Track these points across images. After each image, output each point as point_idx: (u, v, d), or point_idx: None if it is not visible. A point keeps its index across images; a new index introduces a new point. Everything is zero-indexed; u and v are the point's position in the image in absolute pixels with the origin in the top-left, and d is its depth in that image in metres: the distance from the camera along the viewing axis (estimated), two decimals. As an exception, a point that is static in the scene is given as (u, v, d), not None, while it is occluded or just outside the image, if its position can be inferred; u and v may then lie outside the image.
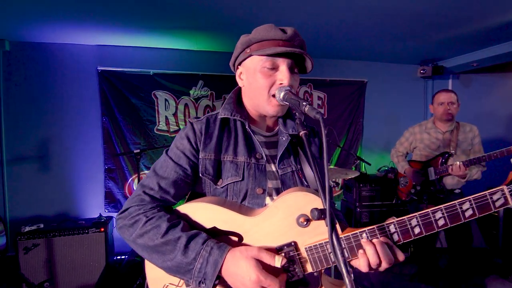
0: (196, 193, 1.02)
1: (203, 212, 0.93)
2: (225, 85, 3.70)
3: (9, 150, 3.20)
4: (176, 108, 3.58)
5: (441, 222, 0.83)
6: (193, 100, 3.62)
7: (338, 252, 0.67)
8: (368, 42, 3.39)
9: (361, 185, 3.48)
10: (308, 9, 2.52)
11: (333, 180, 2.83)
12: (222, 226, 0.90)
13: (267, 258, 0.82)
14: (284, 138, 1.05)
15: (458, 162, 2.30)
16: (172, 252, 0.84)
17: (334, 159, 4.10)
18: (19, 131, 3.22)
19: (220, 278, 0.83)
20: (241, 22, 2.78)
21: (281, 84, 0.95)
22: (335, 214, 1.16)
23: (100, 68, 3.36)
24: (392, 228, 0.84)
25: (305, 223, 0.86)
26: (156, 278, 0.93)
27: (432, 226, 0.83)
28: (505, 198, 0.83)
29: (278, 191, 1.00)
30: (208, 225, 0.91)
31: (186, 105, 3.61)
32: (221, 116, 1.04)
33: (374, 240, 0.82)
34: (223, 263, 0.81)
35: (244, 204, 0.98)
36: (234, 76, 1.09)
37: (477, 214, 0.83)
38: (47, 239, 2.63)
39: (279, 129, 1.07)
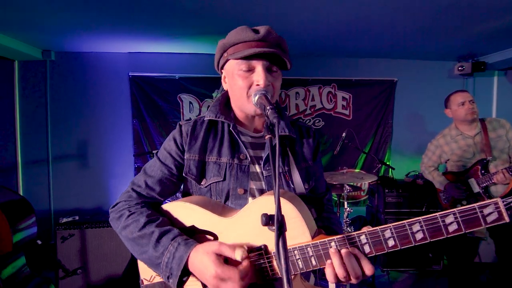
0: (186, 192, 1.07)
1: (183, 211, 0.97)
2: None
3: (54, 149, 3.58)
4: (200, 110, 3.72)
5: (419, 236, 0.75)
6: (216, 102, 3.73)
7: (282, 260, 0.64)
8: (397, 39, 3.19)
9: (386, 190, 3.31)
10: (329, 5, 2.42)
11: (352, 184, 2.71)
12: (200, 225, 0.94)
13: (227, 252, 0.82)
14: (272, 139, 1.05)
15: (501, 170, 2.08)
16: (146, 246, 0.89)
17: (360, 163, 3.94)
18: (62, 132, 3.58)
19: (190, 274, 0.86)
20: (261, 23, 2.80)
21: (257, 85, 0.95)
22: (328, 217, 1.13)
23: (131, 73, 3.62)
24: (363, 239, 0.78)
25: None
26: (146, 267, 0.98)
27: (408, 240, 0.76)
28: (499, 213, 0.71)
29: (263, 192, 1.00)
30: (187, 223, 0.96)
31: (208, 107, 3.73)
32: (207, 118, 1.07)
33: (343, 251, 0.78)
34: (188, 259, 0.84)
35: (228, 204, 1.00)
36: None
37: (463, 229, 0.73)
38: (81, 230, 2.90)
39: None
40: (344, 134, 3.00)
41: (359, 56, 3.82)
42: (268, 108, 0.84)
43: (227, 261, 0.84)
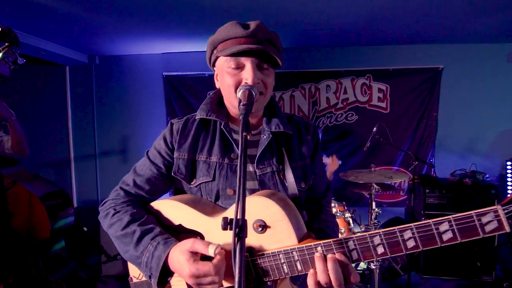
0: (178, 190, 1.07)
1: (172, 209, 0.98)
2: (275, 82, 3.69)
3: (100, 145, 3.95)
4: (228, 106, 3.77)
5: (410, 244, 0.70)
6: (244, 98, 3.75)
7: (237, 265, 0.62)
8: (442, 19, 2.82)
9: (427, 190, 3.00)
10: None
11: (388, 182, 2.48)
12: (187, 225, 0.94)
13: (201, 248, 0.80)
14: (265, 137, 1.00)
15: None
16: (129, 245, 0.90)
17: (398, 160, 3.63)
18: (107, 130, 3.93)
19: (172, 273, 0.87)
20: (287, 16, 2.71)
21: (246, 82, 0.91)
22: (324, 219, 1.07)
23: (164, 73, 3.81)
24: (351, 244, 0.75)
25: (260, 229, 0.82)
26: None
27: (399, 248, 0.71)
28: (499, 222, 0.64)
29: (254, 193, 0.97)
30: (175, 222, 0.96)
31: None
32: (198, 117, 1.05)
33: (329, 256, 0.74)
34: (167, 259, 0.84)
35: (218, 204, 0.99)
36: (285, 72, 1.08)
37: (458, 238, 0.67)
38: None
39: (262, 127, 1.03)
40: (374, 129, 2.78)
41: (396, 43, 3.50)
42: (241, 104, 0.82)
43: (207, 258, 0.82)
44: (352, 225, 2.57)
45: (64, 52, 3.44)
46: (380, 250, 0.72)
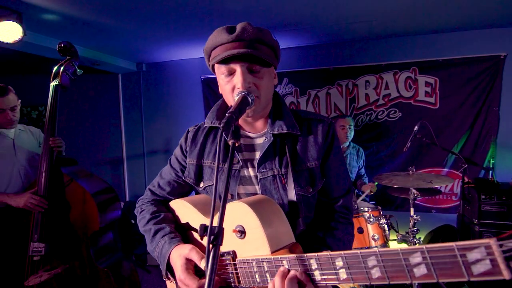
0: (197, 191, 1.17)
1: (181, 208, 1.09)
2: (309, 80, 3.60)
3: (147, 146, 4.31)
4: (263, 106, 3.79)
5: (375, 274, 0.59)
6: (278, 98, 3.72)
7: (208, 271, 0.63)
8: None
9: (482, 196, 2.64)
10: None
11: (418, 187, 2.22)
12: (192, 223, 1.03)
13: (195, 258, 0.87)
14: (266, 139, 0.99)
15: None
16: (148, 240, 1.03)
17: (450, 161, 3.25)
18: (153, 131, 4.26)
19: None
20: (319, 10, 2.60)
21: (238, 88, 0.92)
22: (334, 227, 1.01)
23: (203, 76, 3.98)
24: (313, 263, 0.68)
25: (239, 235, 0.83)
26: None
27: (363, 276, 0.61)
28: (493, 262, 0.46)
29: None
30: (183, 220, 1.06)
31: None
32: (205, 125, 1.10)
33: (291, 272, 0.70)
34: (169, 257, 0.94)
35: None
36: (319, 70, 1.08)
37: (435, 276, 0.52)
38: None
39: (266, 130, 1.02)
40: (416, 128, 2.53)
41: (446, 30, 3.12)
42: (227, 111, 0.82)
43: None
44: (387, 231, 2.38)
45: (116, 62, 3.83)
46: (343, 275, 0.63)
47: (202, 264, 0.83)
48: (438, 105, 3.25)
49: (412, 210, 2.23)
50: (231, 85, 0.92)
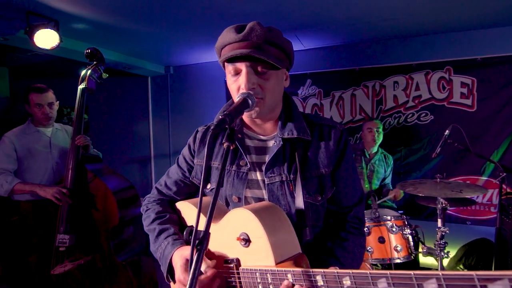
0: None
1: (186, 210, 1.09)
2: (333, 81, 3.49)
3: (173, 145, 4.45)
4: (285, 108, 3.74)
5: None
6: (300, 99, 3.66)
7: (190, 275, 0.63)
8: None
9: (524, 209, 2.38)
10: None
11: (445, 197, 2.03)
12: (198, 227, 1.03)
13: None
14: (275, 143, 0.97)
15: None
16: (151, 240, 1.03)
17: (488, 169, 2.97)
18: (179, 132, 4.40)
19: None
20: (343, 6, 2.52)
21: (242, 89, 0.90)
22: (344, 238, 0.96)
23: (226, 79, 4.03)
24: (319, 279, 0.66)
25: (244, 243, 0.81)
26: None
27: None
28: None
29: (261, 201, 0.96)
30: (188, 222, 1.06)
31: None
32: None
33: (296, 287, 0.69)
34: (171, 258, 0.93)
35: (229, 209, 1.01)
36: (345, 70, 1.06)
37: None
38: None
39: (276, 133, 1.00)
40: (447, 132, 2.34)
41: (484, 27, 2.86)
42: (221, 113, 0.82)
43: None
44: (412, 243, 2.22)
45: (145, 65, 4.02)
46: None
47: (202, 266, 0.81)
48: (475, 107, 2.99)
49: (439, 221, 2.05)
50: (237, 84, 0.91)
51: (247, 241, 0.80)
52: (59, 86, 2.88)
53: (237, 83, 0.90)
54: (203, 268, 0.81)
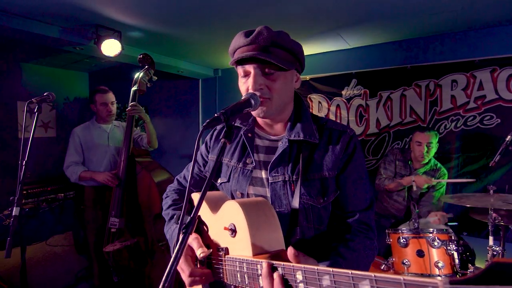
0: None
1: (196, 202, 1.20)
2: (381, 80, 3.29)
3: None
4: (328, 109, 3.64)
5: None
6: (345, 100, 3.53)
7: (172, 257, 0.66)
8: None
9: None
10: None
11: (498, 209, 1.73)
12: (202, 217, 1.10)
13: (194, 246, 0.92)
14: (282, 144, 1.01)
15: None
16: (165, 223, 1.15)
17: None
18: (224, 131, 4.61)
19: None
20: (394, 5, 2.40)
21: (250, 89, 0.95)
22: (350, 239, 0.96)
23: (271, 79, 4.09)
24: (299, 276, 0.64)
25: (231, 233, 0.87)
26: None
27: None
28: None
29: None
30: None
31: (337, 106, 3.58)
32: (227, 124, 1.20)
33: (274, 274, 0.69)
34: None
35: None
36: (394, 69, 1.10)
37: None
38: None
39: (284, 134, 1.04)
40: (509, 138, 2.04)
41: None
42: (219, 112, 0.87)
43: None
44: (457, 260, 1.98)
45: (196, 68, 4.31)
46: None
47: (198, 252, 0.89)
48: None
49: (491, 238, 1.80)
50: (246, 86, 0.96)
51: (233, 231, 0.84)
52: (121, 88, 3.29)
53: (246, 84, 0.95)
54: (198, 254, 0.88)
